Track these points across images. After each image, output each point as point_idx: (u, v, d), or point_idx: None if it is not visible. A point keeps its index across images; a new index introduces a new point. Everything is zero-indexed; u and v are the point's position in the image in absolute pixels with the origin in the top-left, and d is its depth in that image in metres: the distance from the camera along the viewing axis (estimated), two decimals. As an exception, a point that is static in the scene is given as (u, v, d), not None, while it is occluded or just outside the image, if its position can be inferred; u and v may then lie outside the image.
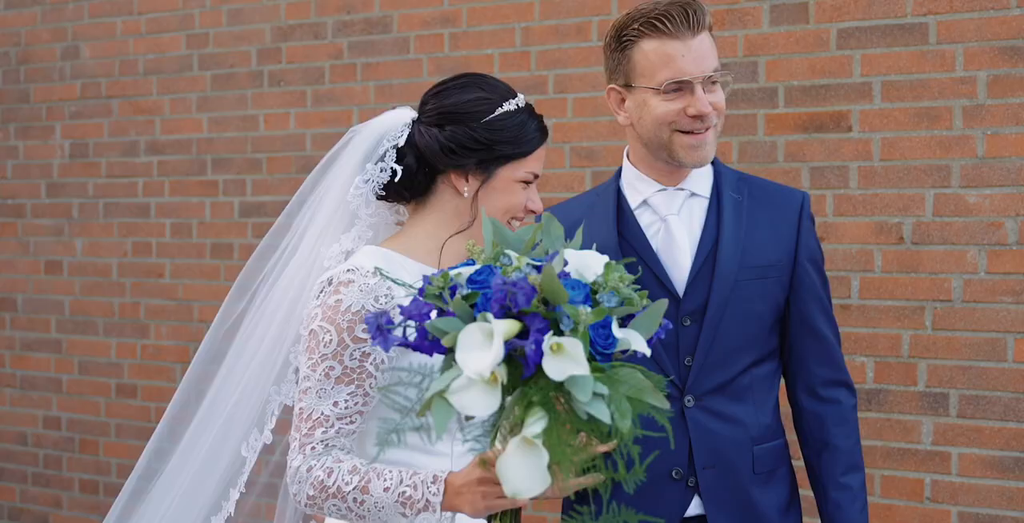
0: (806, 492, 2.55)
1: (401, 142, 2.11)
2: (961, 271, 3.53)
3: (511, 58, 4.27)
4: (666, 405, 1.70)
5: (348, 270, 2.03)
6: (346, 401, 1.98)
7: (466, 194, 2.10)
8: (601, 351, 1.66)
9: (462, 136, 2.08)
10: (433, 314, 1.71)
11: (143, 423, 5.09)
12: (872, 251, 3.66)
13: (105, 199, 5.23)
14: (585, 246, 2.28)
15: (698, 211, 2.35)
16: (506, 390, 1.66)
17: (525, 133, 2.12)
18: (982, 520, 3.49)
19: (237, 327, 2.24)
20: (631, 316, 1.74)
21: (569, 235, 2.35)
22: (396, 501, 1.91)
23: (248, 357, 2.20)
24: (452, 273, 1.73)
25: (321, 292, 2.04)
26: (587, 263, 1.75)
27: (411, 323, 1.73)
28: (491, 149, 2.09)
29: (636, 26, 2.23)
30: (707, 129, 2.26)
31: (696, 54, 2.22)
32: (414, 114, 2.17)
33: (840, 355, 2.43)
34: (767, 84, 3.80)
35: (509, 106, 2.11)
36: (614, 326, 1.69)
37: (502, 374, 1.64)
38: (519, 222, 2.16)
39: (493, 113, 2.09)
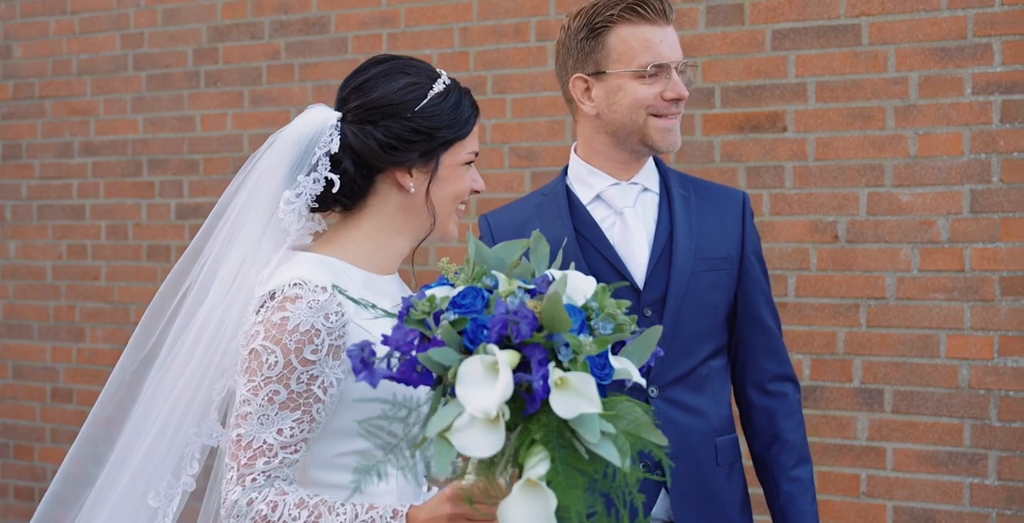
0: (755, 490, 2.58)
1: (334, 148, 1.92)
2: (894, 269, 3.58)
3: (449, 58, 4.27)
4: (665, 441, 1.61)
5: (294, 284, 1.84)
6: (291, 428, 1.81)
7: (412, 189, 1.94)
8: (598, 382, 1.56)
9: (400, 129, 1.91)
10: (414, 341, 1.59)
11: (79, 428, 5.01)
12: (808, 249, 3.70)
13: (39, 201, 5.15)
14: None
15: (651, 205, 2.38)
16: (507, 427, 1.54)
17: (462, 113, 1.96)
18: (917, 514, 3.55)
19: (148, 367, 2.04)
20: (620, 343, 1.65)
21: (515, 236, 2.36)
22: None
23: (162, 399, 1.99)
24: (439, 297, 1.60)
25: (262, 307, 1.86)
26: (576, 285, 1.64)
27: (396, 354, 1.59)
28: (432, 137, 1.93)
29: (614, 12, 2.28)
30: (677, 114, 2.33)
31: (671, 40, 2.31)
32: (335, 113, 1.97)
33: (785, 349, 2.48)
34: (703, 85, 3.83)
35: (439, 87, 1.95)
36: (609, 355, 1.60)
37: (505, 411, 1.52)
38: (464, 206, 2.04)
39: (426, 98, 1.93)
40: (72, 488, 2.10)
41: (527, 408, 1.53)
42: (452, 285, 1.66)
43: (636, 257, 2.33)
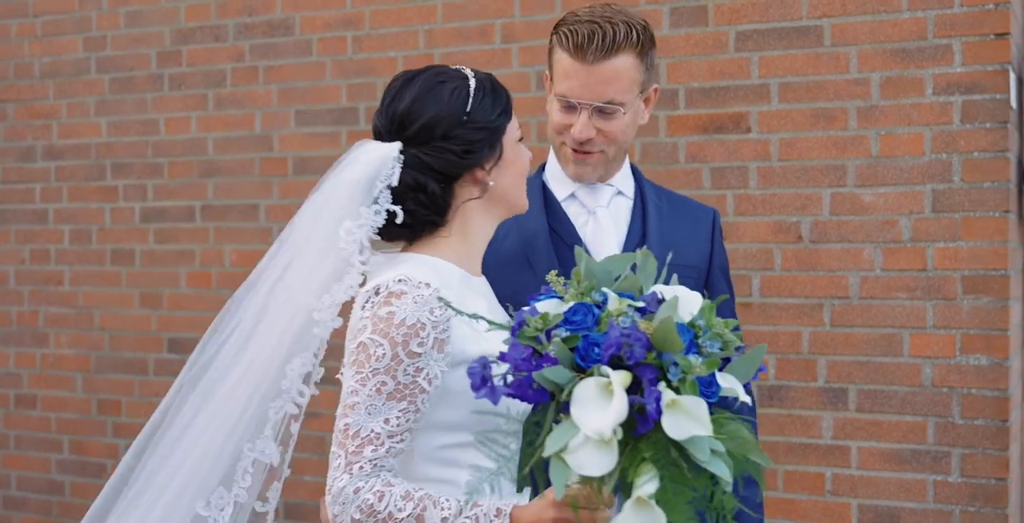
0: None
1: (394, 181, 1.97)
2: (858, 268, 3.60)
3: (414, 60, 4.26)
4: (770, 462, 1.65)
5: (399, 280, 1.91)
6: (397, 418, 1.86)
7: (492, 183, 2.01)
8: (704, 400, 1.60)
9: (467, 133, 1.98)
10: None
11: (43, 434, 4.97)
12: (772, 250, 3.72)
13: (1, 205, 5.10)
14: (516, 238, 2.30)
15: (624, 208, 2.39)
16: (620, 445, 1.59)
17: (501, 95, 2.04)
18: (881, 512, 3.57)
19: (200, 377, 2.06)
20: (726, 359, 1.68)
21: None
22: None
23: (209, 414, 2.03)
24: (552, 314, 1.64)
25: (367, 302, 1.93)
26: (683, 300, 1.66)
27: (511, 370, 1.64)
28: (494, 129, 2.01)
29: (557, 31, 2.25)
30: (590, 152, 2.27)
31: (592, 80, 2.20)
32: (393, 145, 2.01)
33: None
34: (668, 86, 3.84)
35: (473, 81, 2.03)
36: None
37: (618, 431, 1.57)
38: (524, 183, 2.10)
39: (470, 95, 2.00)
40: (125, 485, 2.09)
41: (638, 428, 1.57)
42: (560, 297, 1.69)
43: (607, 255, 2.34)
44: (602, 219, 2.36)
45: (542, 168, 2.45)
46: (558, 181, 2.39)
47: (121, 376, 4.81)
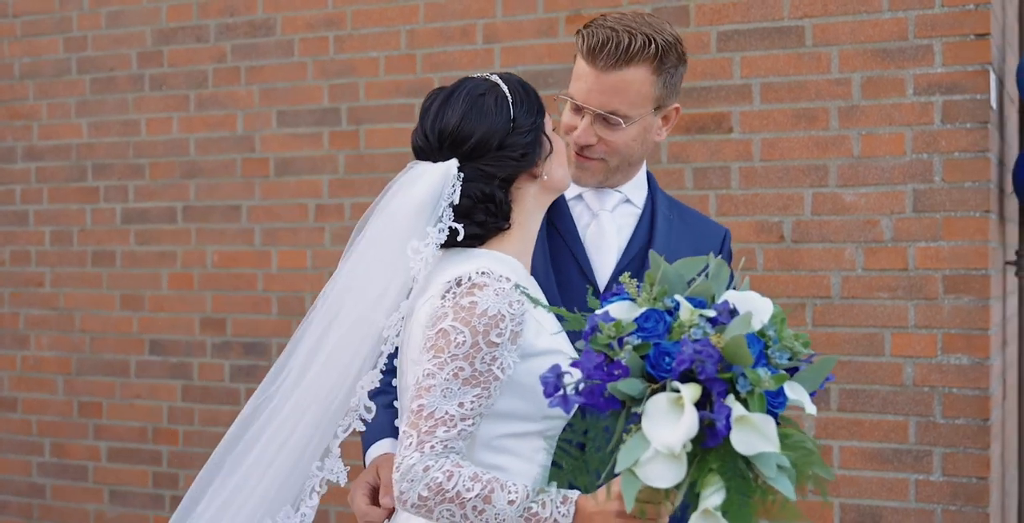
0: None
1: (456, 199, 2.05)
2: (839, 268, 3.61)
3: (396, 61, 4.26)
4: (832, 476, 1.69)
5: (482, 273, 1.99)
6: (472, 402, 1.94)
7: (546, 176, 2.10)
8: (770, 410, 1.63)
9: (519, 137, 2.06)
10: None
11: (24, 437, 4.94)
12: (754, 249, 3.72)
13: (-19, 207, 5.08)
14: None
15: (630, 216, 2.37)
16: (689, 456, 1.64)
17: (531, 91, 2.11)
18: (863, 511, 3.58)
19: (266, 406, 2.12)
20: (793, 368, 1.71)
21: None
22: (520, 516, 1.87)
23: (282, 434, 2.08)
24: (625, 322, 1.67)
25: (448, 292, 2.00)
26: (754, 307, 1.69)
27: (586, 380, 1.68)
28: (538, 125, 2.09)
29: (580, 31, 2.23)
30: (590, 158, 2.26)
31: (598, 87, 2.19)
32: (449, 164, 2.07)
33: None
34: (650, 86, 3.85)
35: (504, 85, 2.10)
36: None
37: (688, 445, 1.61)
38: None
39: (509, 100, 2.08)
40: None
41: (707, 441, 1.61)
42: (632, 299, 1.72)
43: (604, 259, 2.33)
44: (604, 223, 2.34)
45: None
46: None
47: (102, 378, 4.79)
